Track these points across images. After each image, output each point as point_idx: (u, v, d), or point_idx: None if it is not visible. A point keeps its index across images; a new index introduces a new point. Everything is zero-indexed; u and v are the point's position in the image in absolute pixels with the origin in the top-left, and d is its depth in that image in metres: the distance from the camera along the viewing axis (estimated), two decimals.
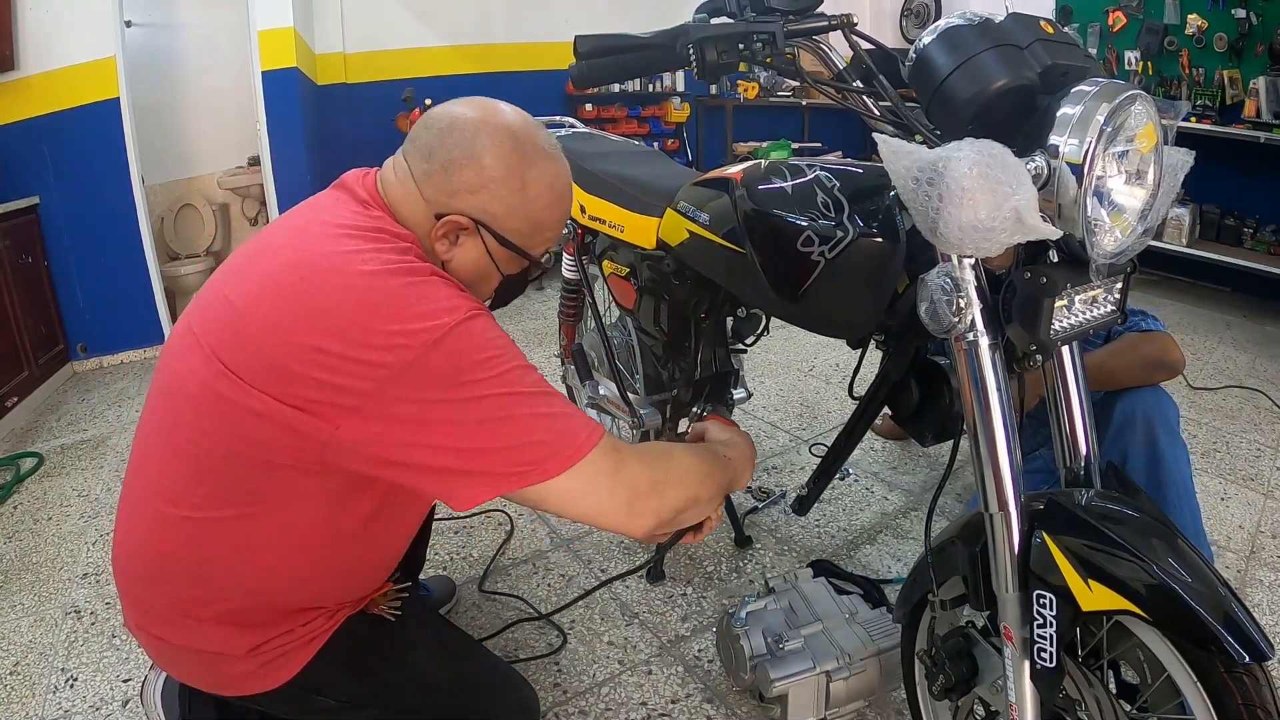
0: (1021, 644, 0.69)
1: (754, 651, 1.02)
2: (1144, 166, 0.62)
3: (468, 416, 0.60)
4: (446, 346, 0.59)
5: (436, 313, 0.60)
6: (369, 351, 0.59)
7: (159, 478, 0.69)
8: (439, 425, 0.60)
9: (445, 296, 0.62)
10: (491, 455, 0.60)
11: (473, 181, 0.68)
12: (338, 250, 0.63)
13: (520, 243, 0.72)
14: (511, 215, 0.70)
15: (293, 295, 0.62)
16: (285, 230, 0.71)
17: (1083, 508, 0.66)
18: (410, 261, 0.64)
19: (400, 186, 0.70)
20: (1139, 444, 1.10)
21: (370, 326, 0.59)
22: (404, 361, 0.58)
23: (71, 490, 1.75)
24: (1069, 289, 0.62)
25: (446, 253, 0.71)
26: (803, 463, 1.81)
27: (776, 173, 0.83)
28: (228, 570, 0.69)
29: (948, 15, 0.63)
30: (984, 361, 0.65)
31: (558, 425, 0.63)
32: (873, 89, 0.68)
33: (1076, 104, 0.59)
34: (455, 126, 0.68)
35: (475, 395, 0.60)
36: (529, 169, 0.69)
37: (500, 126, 0.68)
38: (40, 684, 1.15)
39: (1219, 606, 0.58)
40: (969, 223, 0.53)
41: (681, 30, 0.65)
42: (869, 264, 0.74)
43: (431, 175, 0.68)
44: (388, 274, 0.61)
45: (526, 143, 0.69)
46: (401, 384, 0.59)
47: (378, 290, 0.60)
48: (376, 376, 0.58)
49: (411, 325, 0.59)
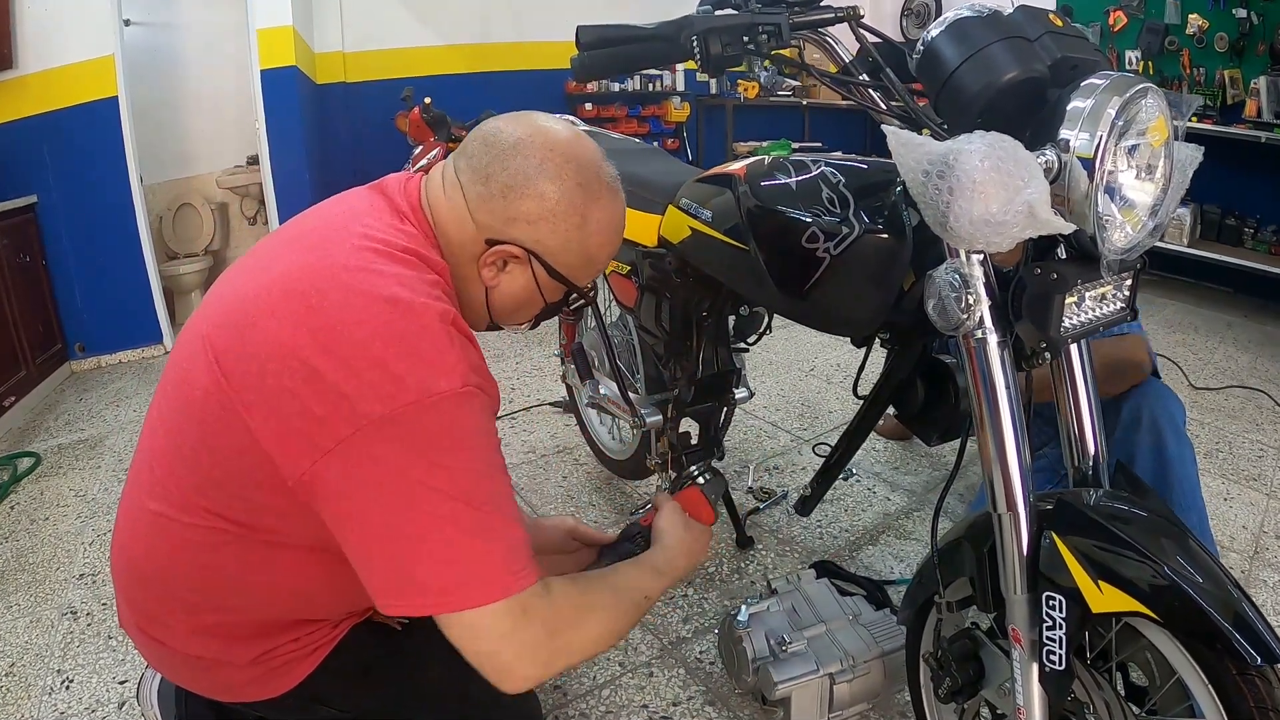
0: (1030, 646, 0.68)
1: (756, 653, 1.01)
2: (1154, 161, 0.61)
3: (408, 491, 0.56)
4: (434, 414, 0.56)
5: (439, 373, 0.56)
6: (364, 390, 0.55)
7: (165, 479, 0.67)
8: (373, 495, 0.56)
9: (454, 357, 0.58)
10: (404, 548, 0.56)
11: (532, 212, 0.65)
12: (363, 267, 0.59)
13: (569, 275, 0.69)
14: (566, 249, 0.67)
15: (304, 308, 0.58)
16: (315, 231, 0.66)
17: (1092, 508, 0.65)
18: (434, 300, 0.59)
19: (450, 205, 0.67)
20: (1146, 444, 1.09)
21: (374, 359, 0.55)
22: (389, 414, 0.54)
23: (69, 490, 1.73)
24: (1079, 285, 0.61)
25: (493, 279, 0.68)
26: (804, 463, 1.80)
27: (780, 169, 0.83)
28: (229, 582, 0.68)
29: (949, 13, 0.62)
30: (993, 359, 0.64)
31: (475, 553, 0.57)
32: (879, 82, 0.67)
33: (1087, 97, 0.58)
34: (519, 151, 0.64)
35: (429, 481, 0.56)
36: (591, 204, 0.66)
37: (568, 157, 0.65)
38: (36, 685, 1.14)
39: (1230, 607, 0.57)
40: (980, 216, 0.52)
41: (685, 22, 0.64)
42: (875, 260, 0.73)
43: (488, 200, 0.65)
44: (408, 309, 0.57)
45: (591, 177, 0.66)
46: (375, 438, 0.55)
47: (393, 325, 0.56)
48: (358, 423, 0.55)
49: (411, 377, 0.55)
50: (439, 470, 0.56)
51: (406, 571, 0.57)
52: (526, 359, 2.49)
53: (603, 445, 1.68)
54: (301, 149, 2.67)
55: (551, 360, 2.42)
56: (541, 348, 2.59)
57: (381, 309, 0.57)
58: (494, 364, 2.45)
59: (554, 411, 2.08)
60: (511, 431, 1.98)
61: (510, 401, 2.16)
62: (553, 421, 2.03)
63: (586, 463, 1.80)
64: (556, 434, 1.96)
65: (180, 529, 0.66)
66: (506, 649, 0.58)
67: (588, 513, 1.61)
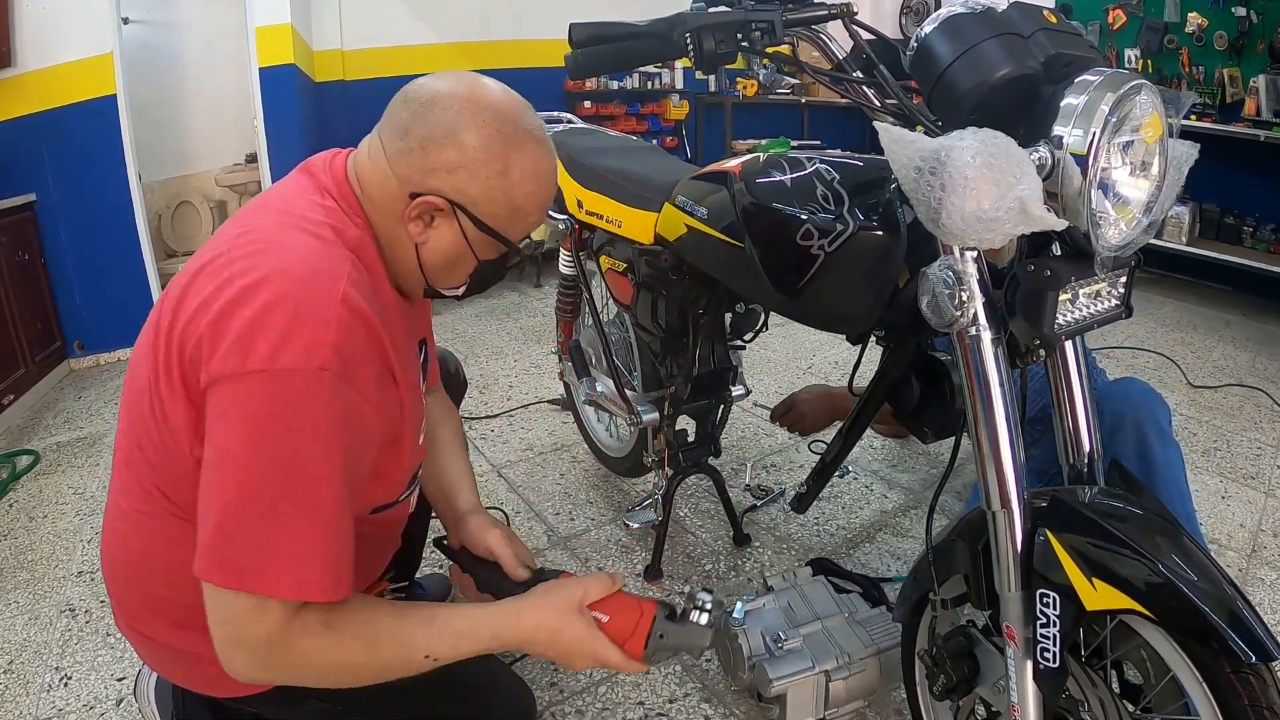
0: (1024, 644, 0.68)
1: (752, 651, 1.01)
2: (1149, 158, 0.61)
3: (223, 460, 0.56)
4: (275, 388, 0.55)
5: (296, 348, 0.55)
6: (226, 348, 0.55)
7: (127, 476, 0.69)
8: (214, 455, 0.56)
9: (323, 336, 0.56)
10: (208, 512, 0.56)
11: (451, 160, 0.64)
12: (277, 240, 0.61)
13: (499, 228, 0.68)
14: (491, 199, 0.66)
15: (216, 282, 0.58)
16: (245, 215, 0.68)
17: (1086, 505, 0.65)
18: (328, 276, 0.59)
19: (374, 167, 0.67)
20: (1129, 449, 1.07)
21: (246, 322, 0.56)
22: (235, 373, 0.55)
23: (67, 488, 1.74)
24: (1073, 282, 0.61)
25: (420, 234, 0.67)
26: (801, 460, 1.80)
27: (776, 166, 0.82)
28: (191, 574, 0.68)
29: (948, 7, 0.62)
30: (986, 356, 0.64)
31: (257, 540, 0.56)
32: (873, 79, 0.67)
33: (1081, 94, 0.58)
34: (436, 102, 0.64)
35: (245, 455, 0.55)
36: (513, 151, 0.65)
37: (485, 104, 0.64)
38: (34, 682, 1.14)
39: (1225, 605, 0.57)
40: (972, 213, 0.52)
41: (679, 19, 0.63)
42: (869, 257, 0.73)
43: (407, 153, 0.64)
44: (296, 281, 0.57)
45: (512, 123, 0.65)
46: (224, 394, 0.55)
47: (274, 295, 0.56)
48: (212, 377, 0.56)
49: (266, 345, 0.55)
50: (258, 450, 0.55)
51: (202, 532, 0.57)
52: (525, 356, 2.50)
53: (600, 443, 1.68)
54: (300, 147, 2.66)
55: (549, 358, 2.42)
56: (540, 345, 2.59)
57: (271, 278, 0.57)
58: (493, 361, 2.45)
59: (552, 409, 2.08)
60: (510, 429, 1.98)
61: (508, 399, 2.16)
62: (551, 419, 2.03)
63: (584, 460, 1.80)
64: (554, 431, 1.96)
65: (145, 521, 0.68)
66: (229, 632, 0.58)
67: (585, 509, 1.61)
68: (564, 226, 1.36)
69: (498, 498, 1.65)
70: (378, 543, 0.82)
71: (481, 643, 0.65)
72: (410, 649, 0.63)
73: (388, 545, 0.85)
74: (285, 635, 0.58)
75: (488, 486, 1.70)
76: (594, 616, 0.67)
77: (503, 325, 2.82)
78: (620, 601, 0.68)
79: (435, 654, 0.64)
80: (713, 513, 1.56)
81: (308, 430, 0.56)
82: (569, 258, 1.47)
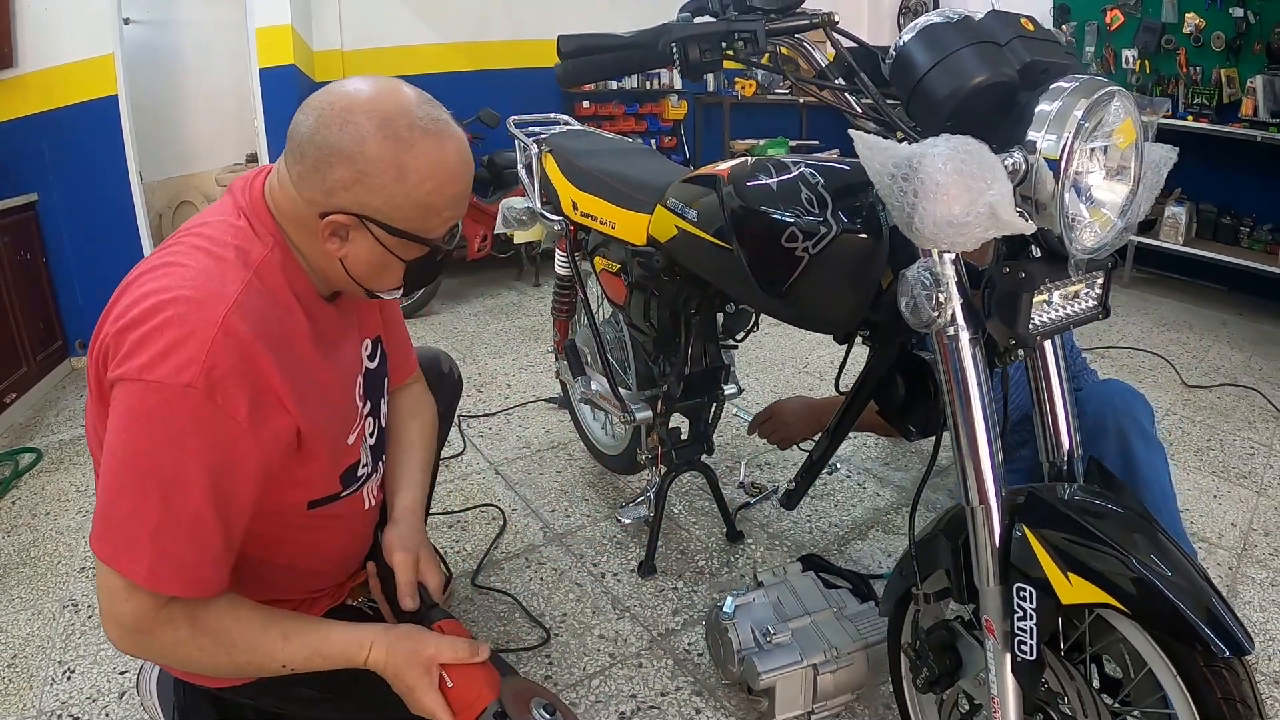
0: (1003, 637, 0.70)
1: (742, 644, 1.03)
2: (1124, 162, 0.62)
3: (111, 459, 0.61)
4: (146, 396, 0.60)
5: (168, 363, 0.59)
6: (115, 353, 0.61)
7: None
8: (107, 447, 0.62)
9: (198, 355, 0.59)
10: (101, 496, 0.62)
11: (346, 177, 0.64)
12: (178, 261, 0.64)
13: (413, 229, 0.68)
14: (394, 205, 0.66)
15: (132, 293, 0.63)
16: (175, 234, 0.71)
17: (1063, 501, 0.67)
18: (217, 298, 0.62)
19: (283, 192, 0.68)
20: (1111, 450, 1.08)
21: (141, 335, 0.60)
22: (119, 377, 0.60)
23: (69, 485, 1.76)
24: (1048, 284, 0.63)
25: (339, 250, 0.68)
26: (794, 459, 1.81)
27: (763, 170, 0.84)
28: None
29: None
30: (964, 356, 0.66)
31: (128, 526, 0.61)
32: (854, 86, 0.69)
33: (1054, 100, 0.60)
34: (322, 121, 0.64)
35: (121, 452, 0.61)
36: (405, 153, 0.64)
37: (369, 113, 0.63)
38: (38, 676, 1.16)
39: (1199, 601, 0.58)
40: (944, 218, 0.54)
41: (664, 29, 0.65)
42: (852, 259, 0.75)
43: (306, 176, 0.66)
44: (182, 301, 0.61)
45: (400, 127, 0.64)
46: (115, 395, 0.61)
47: (162, 311, 0.61)
48: (101, 377, 0.62)
49: (145, 355, 0.59)
50: (128, 448, 0.61)
51: (97, 505, 0.63)
52: (523, 355, 2.51)
53: (596, 441, 1.70)
54: None
55: (547, 357, 2.44)
56: (538, 344, 2.60)
57: (166, 299, 0.61)
58: (491, 360, 2.47)
59: (549, 407, 2.10)
60: (507, 427, 2.00)
61: (506, 397, 2.17)
62: (547, 417, 2.05)
63: (580, 458, 1.82)
64: (551, 430, 1.98)
65: None
66: (105, 603, 0.64)
67: (580, 506, 1.62)
68: (559, 228, 1.38)
69: (494, 494, 1.67)
70: (332, 534, 0.82)
71: (331, 663, 0.70)
72: (267, 658, 0.68)
73: (347, 537, 0.85)
74: (151, 622, 0.64)
75: (485, 483, 1.72)
76: (441, 676, 0.70)
77: (501, 324, 2.84)
78: (469, 674, 0.70)
79: (291, 665, 0.69)
80: (706, 509, 1.58)
81: (171, 439, 0.60)
82: (564, 258, 1.49)
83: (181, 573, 0.63)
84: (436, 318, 2.93)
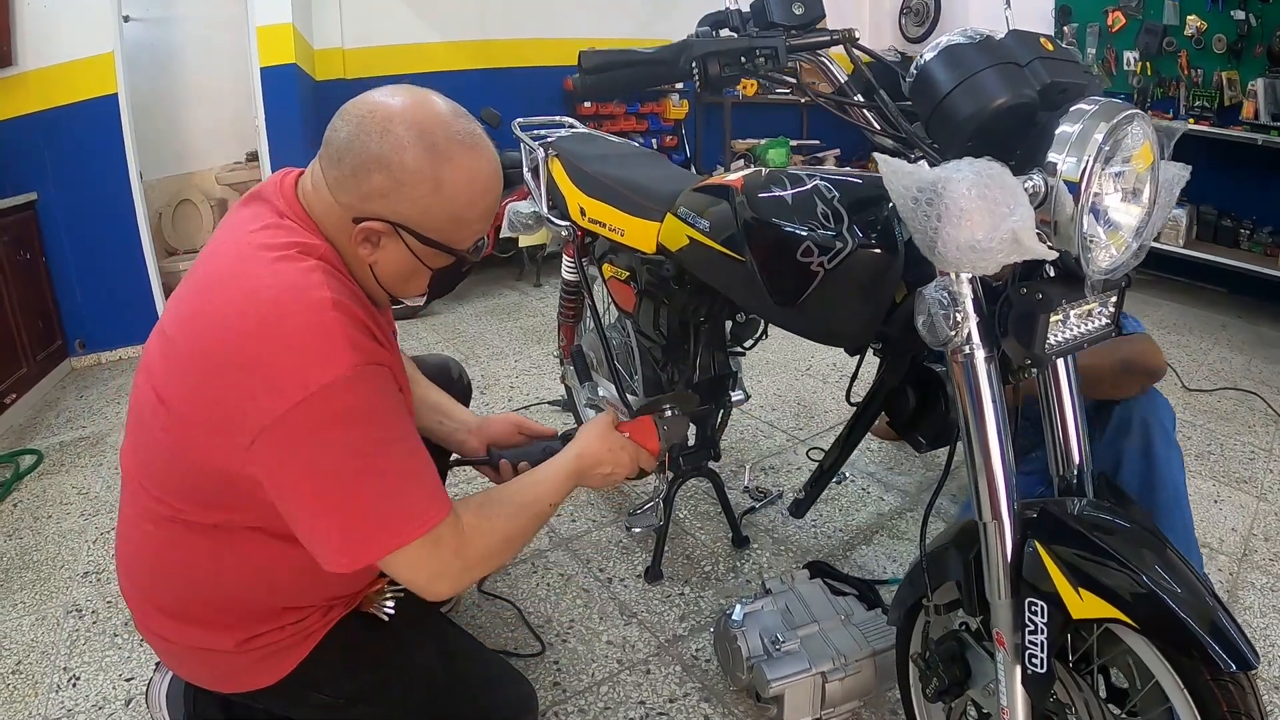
0: (1013, 649, 0.70)
1: (751, 652, 1.03)
2: (1140, 185, 0.63)
3: (319, 471, 0.63)
4: (326, 402, 0.61)
5: (321, 365, 0.61)
6: (261, 393, 0.61)
7: (139, 492, 0.74)
8: (295, 477, 0.63)
9: (334, 344, 0.62)
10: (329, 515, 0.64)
11: (383, 185, 0.66)
12: (248, 272, 0.64)
13: (443, 239, 0.70)
14: (428, 215, 0.68)
15: (207, 326, 0.64)
16: (208, 255, 0.72)
17: (1074, 517, 0.68)
18: (311, 289, 0.63)
19: (318, 195, 0.70)
20: (1135, 448, 1.10)
21: (270, 362, 0.61)
22: (283, 409, 0.60)
23: (71, 488, 1.75)
24: (1064, 304, 0.63)
25: (370, 255, 0.70)
26: (800, 462, 1.82)
27: (777, 181, 0.84)
28: (204, 576, 0.73)
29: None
30: (980, 374, 0.66)
31: (387, 506, 0.65)
32: (873, 103, 0.69)
33: (1075, 122, 0.60)
34: (362, 129, 0.66)
35: (336, 457, 0.62)
36: (442, 166, 0.66)
37: (409, 124, 0.65)
38: (43, 683, 1.16)
39: (1206, 616, 0.59)
40: (966, 243, 0.54)
41: (685, 46, 0.65)
42: (868, 275, 0.75)
43: (343, 181, 0.67)
44: (290, 304, 0.62)
45: (438, 139, 0.66)
46: (278, 430, 0.61)
47: (282, 324, 0.61)
48: (262, 421, 0.61)
49: (299, 374, 0.60)
50: (339, 446, 0.62)
51: (334, 534, 0.64)
52: (525, 357, 2.51)
53: None
54: (301, 145, 2.67)
55: (550, 358, 2.44)
56: (540, 345, 2.60)
57: (265, 313, 0.62)
58: (494, 362, 2.47)
59: (553, 410, 2.10)
60: None
61: (509, 400, 2.17)
62: (552, 420, 2.05)
63: None
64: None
65: (155, 534, 0.73)
66: (421, 576, 0.69)
67: (586, 511, 1.63)
68: (566, 233, 1.38)
69: None
70: None
71: (572, 477, 0.83)
72: (538, 502, 0.79)
73: None
74: (460, 544, 0.69)
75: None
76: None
77: (503, 325, 2.84)
78: (628, 424, 0.92)
79: (553, 499, 0.81)
80: (712, 514, 1.59)
81: (372, 411, 0.63)
82: (571, 264, 1.48)
83: (438, 494, 0.68)
84: (437, 318, 2.92)
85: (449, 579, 0.70)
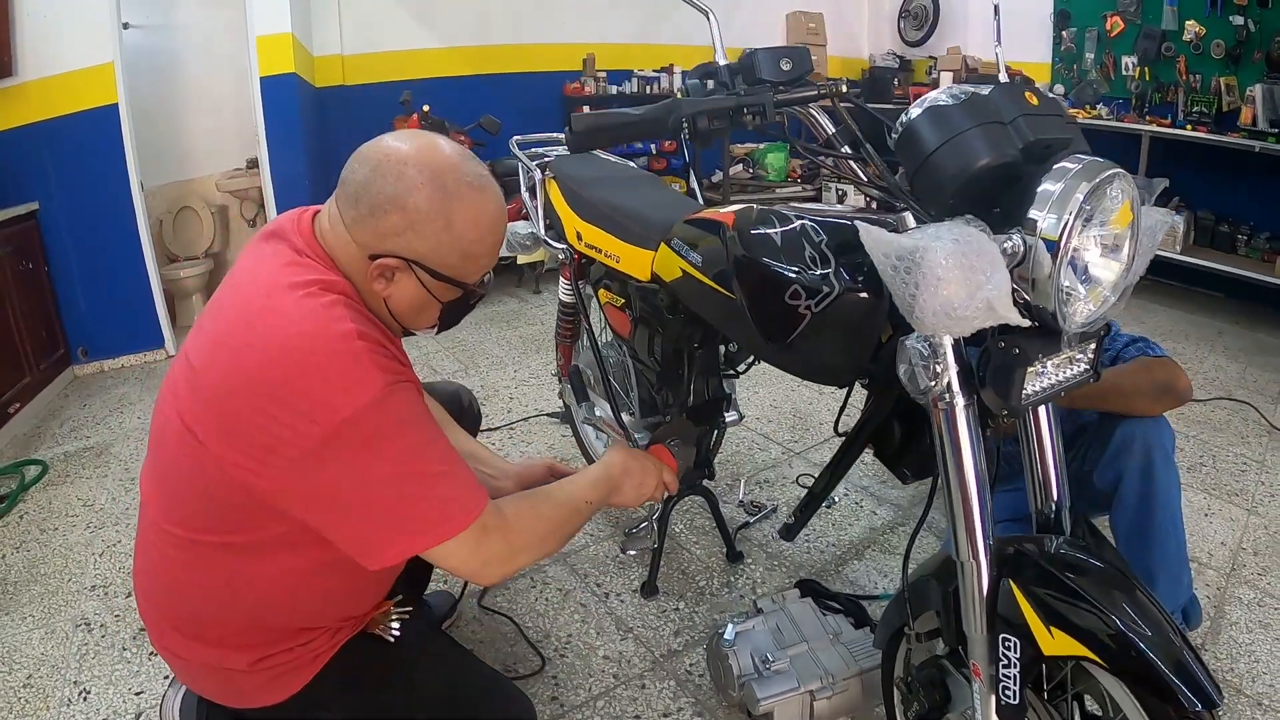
0: (988, 680, 0.73)
1: (742, 671, 1.06)
2: (1120, 241, 0.64)
3: (368, 482, 0.67)
4: (365, 421, 0.65)
5: (358, 387, 0.65)
6: (299, 418, 0.64)
7: (158, 517, 0.77)
8: (343, 491, 0.67)
9: (365, 368, 0.66)
10: (381, 518, 0.69)
11: (398, 224, 0.71)
12: (275, 308, 0.68)
13: (453, 274, 0.75)
14: (440, 251, 0.73)
15: (236, 359, 0.67)
16: (232, 287, 0.75)
17: (1049, 556, 0.70)
18: (335, 322, 0.67)
19: (335, 234, 0.74)
20: (1135, 467, 1.11)
21: (300, 391, 0.65)
22: (324, 433, 0.64)
23: (76, 499, 1.77)
24: (1041, 358, 0.65)
25: (385, 290, 0.74)
26: (794, 475, 1.85)
27: (765, 221, 0.85)
28: (223, 599, 0.76)
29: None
30: (959, 422, 0.68)
31: (435, 504, 0.70)
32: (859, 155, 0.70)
33: (1058, 180, 0.62)
34: (378, 171, 0.71)
35: (381, 468, 0.67)
36: (453, 205, 0.71)
37: (421, 166, 0.70)
38: (54, 696, 1.19)
39: (1173, 656, 0.62)
40: (943, 309, 0.56)
41: (674, 105, 0.66)
42: (854, 318, 0.77)
43: (360, 220, 0.72)
44: (318, 337, 0.66)
45: (449, 180, 0.71)
46: (321, 453, 0.65)
47: (307, 359, 0.65)
48: (302, 446, 0.65)
49: (337, 398, 0.65)
50: (385, 458, 0.67)
51: (381, 537, 0.69)
52: (524, 368, 2.53)
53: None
54: (301, 153, 2.68)
55: (548, 368, 2.45)
56: (539, 355, 2.62)
57: (294, 347, 0.66)
58: (493, 372, 2.49)
59: (551, 421, 2.12)
60: (510, 441, 2.02)
61: (509, 411, 2.20)
62: (550, 432, 2.07)
63: None
64: (554, 445, 2.00)
65: (174, 556, 0.76)
66: (473, 563, 0.73)
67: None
68: (563, 256, 1.39)
69: None
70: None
71: (605, 481, 0.90)
72: (573, 499, 0.85)
73: (385, 572, 0.88)
74: (507, 533, 0.74)
75: None
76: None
77: (502, 333, 2.85)
78: (655, 450, 1.05)
79: (588, 497, 0.87)
80: (707, 529, 1.61)
81: (407, 420, 0.68)
82: (568, 286, 1.50)
83: (478, 487, 0.73)
84: None
85: (497, 563, 0.74)
